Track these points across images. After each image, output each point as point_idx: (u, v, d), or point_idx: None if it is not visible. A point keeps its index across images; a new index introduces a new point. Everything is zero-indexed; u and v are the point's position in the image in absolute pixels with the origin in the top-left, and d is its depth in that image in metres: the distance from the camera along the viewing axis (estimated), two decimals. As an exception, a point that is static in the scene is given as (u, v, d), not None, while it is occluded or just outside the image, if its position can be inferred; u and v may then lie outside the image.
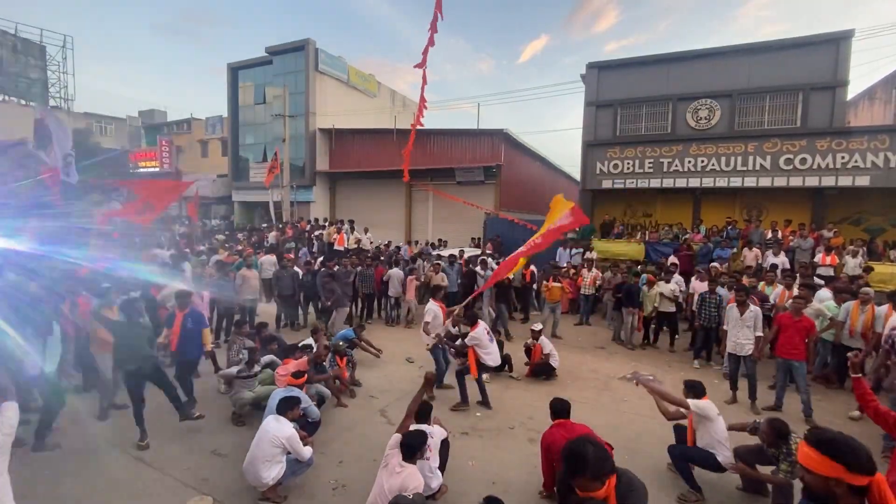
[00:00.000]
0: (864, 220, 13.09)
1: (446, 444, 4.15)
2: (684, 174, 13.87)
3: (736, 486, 4.19)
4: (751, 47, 14.15)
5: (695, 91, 14.61)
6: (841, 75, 12.86)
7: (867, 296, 6.25)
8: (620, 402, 6.11)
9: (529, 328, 7.33)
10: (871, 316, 6.06)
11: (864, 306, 6.16)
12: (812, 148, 12.41)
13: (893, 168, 11.75)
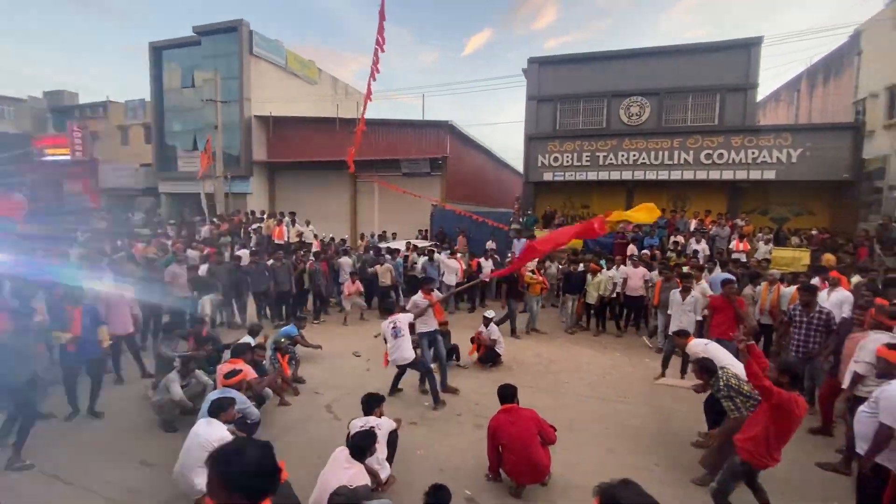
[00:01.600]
0: (770, 210, 14.59)
1: (394, 436, 4.13)
2: (618, 167, 14.67)
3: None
4: (675, 49, 15.21)
5: (627, 89, 15.46)
6: (752, 78, 14.18)
7: (773, 277, 6.97)
8: (561, 385, 6.40)
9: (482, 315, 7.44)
10: (776, 295, 6.77)
11: (772, 287, 6.87)
12: (728, 144, 13.59)
13: (794, 163, 13.16)
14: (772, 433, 3.16)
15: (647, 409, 5.57)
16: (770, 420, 3.17)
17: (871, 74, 14.67)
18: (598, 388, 6.24)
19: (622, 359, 7.60)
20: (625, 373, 6.91)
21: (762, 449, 3.19)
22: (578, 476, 4.13)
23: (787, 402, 3.10)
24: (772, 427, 3.16)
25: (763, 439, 3.18)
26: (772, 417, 3.17)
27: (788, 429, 3.18)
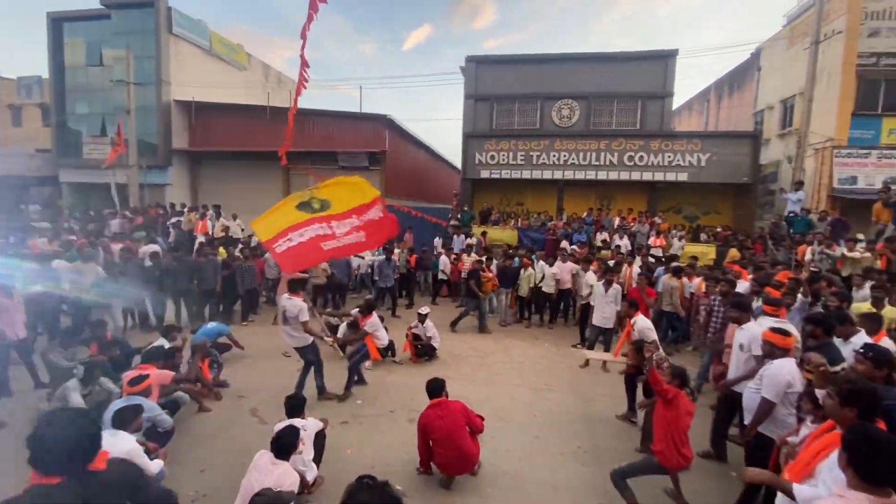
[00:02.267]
0: (683, 209, 15.98)
1: (322, 436, 4.02)
2: (550, 167, 15.31)
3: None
4: (602, 56, 16.12)
5: (559, 91, 16.15)
6: (668, 87, 15.40)
7: (679, 269, 7.65)
8: (495, 376, 6.58)
9: (416, 311, 7.44)
10: (682, 285, 7.44)
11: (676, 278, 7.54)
12: (647, 148, 14.66)
13: (703, 167, 14.49)
14: (673, 429, 3.44)
15: (571, 396, 5.89)
16: (668, 418, 3.47)
17: (768, 88, 16.52)
18: (528, 378, 6.50)
19: (551, 349, 7.97)
20: (553, 362, 7.25)
21: (672, 449, 3.43)
22: (507, 463, 4.28)
23: (679, 397, 3.50)
24: (672, 424, 3.45)
25: (668, 437, 3.43)
26: (668, 415, 3.47)
27: (685, 422, 3.49)
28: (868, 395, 2.22)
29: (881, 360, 2.75)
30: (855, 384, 2.30)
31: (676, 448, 3.42)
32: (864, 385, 2.32)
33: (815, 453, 2.29)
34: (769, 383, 3.47)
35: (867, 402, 2.20)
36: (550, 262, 9.65)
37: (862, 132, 12.92)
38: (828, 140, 12.87)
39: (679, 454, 3.44)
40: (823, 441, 2.33)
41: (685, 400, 3.57)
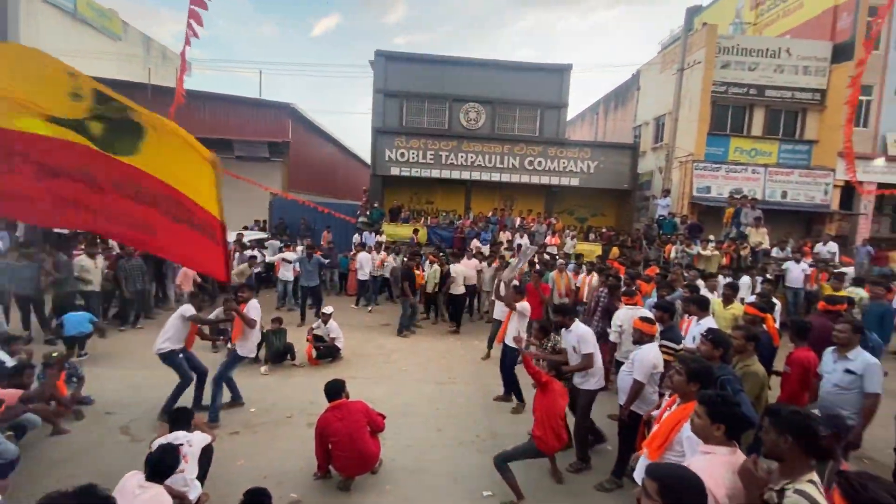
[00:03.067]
0: (575, 211, 17.50)
1: (209, 450, 3.69)
2: (458, 167, 15.74)
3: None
4: (507, 64, 17.00)
5: (466, 94, 16.68)
6: (564, 98, 16.74)
7: (562, 265, 8.41)
8: (400, 372, 6.61)
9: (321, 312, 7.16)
10: (567, 280, 8.18)
11: (562, 274, 8.28)
12: (545, 153, 15.78)
13: (592, 173, 15.99)
14: (550, 414, 3.73)
15: (473, 388, 6.14)
16: (544, 403, 3.77)
17: (645, 106, 18.75)
18: (433, 373, 6.64)
19: (456, 343, 8.23)
20: (457, 356, 7.49)
21: (549, 433, 3.71)
22: (408, 458, 4.32)
23: (551, 382, 3.85)
24: (548, 409, 3.74)
25: (545, 421, 3.71)
26: (545, 401, 3.77)
27: (559, 406, 3.83)
28: (707, 372, 2.66)
29: (718, 341, 3.29)
30: (698, 363, 2.72)
31: (554, 432, 3.70)
32: (704, 364, 2.76)
33: (671, 428, 2.63)
34: (639, 366, 3.92)
35: (706, 378, 2.63)
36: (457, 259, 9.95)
37: (714, 149, 15.28)
38: (689, 155, 15.01)
39: (556, 437, 3.73)
40: (675, 416, 2.70)
41: (558, 385, 3.90)
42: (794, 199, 14.96)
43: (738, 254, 10.77)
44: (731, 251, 10.70)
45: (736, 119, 15.57)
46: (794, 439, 1.81)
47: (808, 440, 1.81)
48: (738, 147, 15.42)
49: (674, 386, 2.77)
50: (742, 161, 15.21)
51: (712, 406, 2.10)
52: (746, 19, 18.87)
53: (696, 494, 1.64)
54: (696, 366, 2.71)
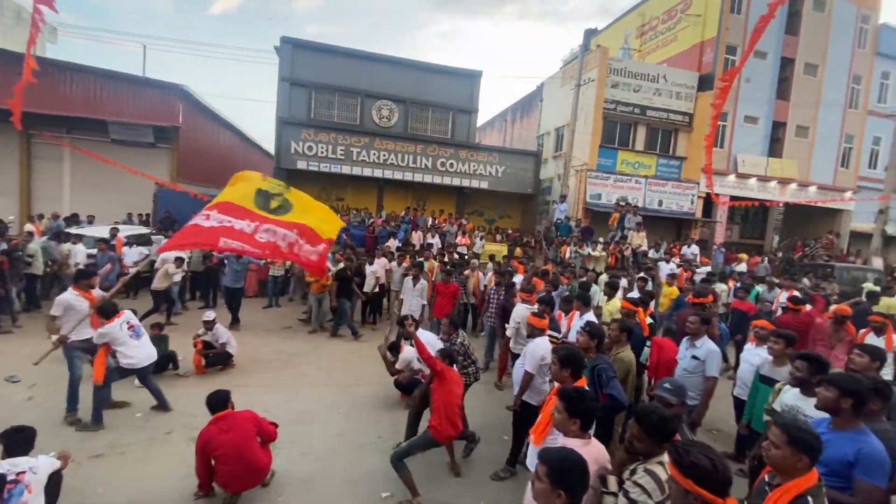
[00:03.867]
0: (485, 212, 18.20)
1: (57, 478, 3.16)
2: (370, 164, 15.48)
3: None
4: (422, 65, 17.11)
5: (379, 91, 16.48)
6: (474, 104, 17.30)
7: (473, 265, 8.70)
8: (300, 377, 6.29)
9: (202, 319, 6.52)
10: (477, 280, 8.48)
11: (473, 273, 8.57)
12: (457, 156, 16.18)
13: (500, 177, 16.75)
14: (445, 402, 3.78)
15: (378, 389, 6.05)
16: (440, 393, 3.81)
17: (547, 117, 20.09)
18: (337, 376, 6.42)
19: (364, 344, 8.05)
20: (365, 357, 7.33)
21: (445, 422, 3.71)
22: (304, 467, 4.13)
23: (446, 371, 3.89)
24: (444, 398, 3.79)
25: (442, 410, 3.75)
26: (441, 390, 3.82)
27: (455, 394, 3.89)
28: (576, 358, 2.92)
29: (593, 333, 3.62)
30: (567, 351, 2.96)
31: (450, 421, 3.75)
32: (572, 350, 3.01)
33: (550, 415, 2.84)
34: (530, 358, 4.17)
35: (576, 364, 2.88)
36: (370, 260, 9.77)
37: (605, 160, 16.91)
38: (584, 164, 16.42)
39: (451, 426, 3.77)
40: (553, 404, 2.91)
41: (453, 373, 3.97)
42: (668, 207, 17.12)
43: (621, 254, 12.04)
44: (616, 252, 11.92)
45: (623, 134, 17.38)
46: (649, 435, 2.06)
47: (657, 430, 2.05)
48: (625, 160, 17.23)
49: (552, 374, 2.99)
50: (627, 172, 17.02)
51: (570, 402, 2.27)
52: (633, 46, 21.15)
53: (578, 473, 1.78)
54: (565, 353, 2.95)
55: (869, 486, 2.26)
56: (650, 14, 20.49)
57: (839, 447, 2.38)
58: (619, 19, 22.75)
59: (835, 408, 2.48)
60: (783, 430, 1.99)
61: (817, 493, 1.91)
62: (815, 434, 2.00)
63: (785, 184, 18.29)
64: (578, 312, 5.38)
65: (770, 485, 2.05)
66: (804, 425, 2.08)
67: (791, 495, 1.92)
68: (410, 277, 7.62)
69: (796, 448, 1.93)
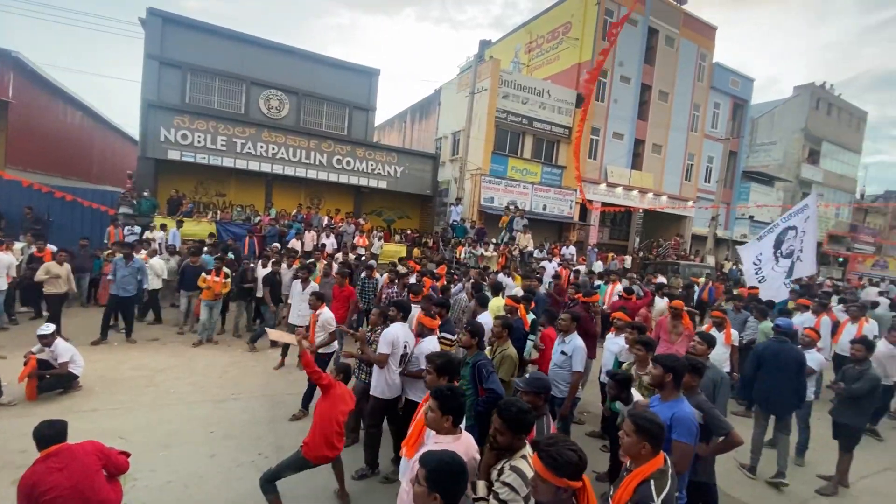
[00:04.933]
0: (384, 212, 18.05)
1: None
2: (257, 158, 14.35)
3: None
4: (317, 57, 16.33)
5: (267, 80, 15.37)
6: (372, 102, 17.04)
7: (370, 266, 8.60)
8: (165, 396, 5.58)
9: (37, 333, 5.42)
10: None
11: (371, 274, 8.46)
12: (354, 154, 15.78)
13: (399, 178, 16.73)
14: (325, 417, 3.50)
15: (260, 401, 5.64)
16: (322, 407, 3.54)
17: (444, 121, 20.60)
18: (211, 391, 5.83)
19: (245, 354, 7.44)
20: (245, 368, 6.78)
21: (320, 440, 3.44)
22: (167, 496, 3.68)
23: (334, 386, 3.67)
24: (326, 413, 3.51)
25: (318, 426, 3.48)
26: (324, 405, 3.55)
27: (339, 411, 3.59)
28: (454, 368, 2.98)
29: (474, 332, 3.78)
30: (441, 358, 2.99)
31: (326, 439, 3.47)
32: (447, 357, 3.05)
33: (422, 424, 2.70)
34: (419, 357, 4.20)
35: (453, 373, 2.96)
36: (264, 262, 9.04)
37: (497, 166, 17.88)
38: (478, 169, 17.18)
39: (327, 446, 3.47)
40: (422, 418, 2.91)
41: (342, 389, 3.74)
42: (551, 211, 18.72)
43: (510, 255, 12.85)
44: (505, 252, 12.69)
45: (513, 142, 18.57)
46: (510, 428, 2.20)
47: (516, 422, 2.20)
48: (515, 166, 18.41)
49: (427, 384, 2.99)
50: (517, 178, 18.21)
51: (443, 400, 2.34)
52: (522, 60, 22.73)
53: (456, 476, 1.79)
54: (441, 361, 2.96)
55: (680, 444, 2.74)
56: (537, 32, 22.19)
57: (662, 414, 2.77)
58: (511, 34, 24.26)
59: (661, 382, 2.95)
60: (632, 420, 2.24)
61: (660, 476, 2.13)
62: (659, 423, 2.25)
63: (644, 193, 21.20)
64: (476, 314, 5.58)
65: (628, 471, 2.27)
66: (649, 415, 2.32)
67: (637, 480, 2.14)
68: (300, 280, 7.22)
69: (641, 435, 2.18)
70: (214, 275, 7.72)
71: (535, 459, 1.89)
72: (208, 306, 7.74)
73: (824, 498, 4.55)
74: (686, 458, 2.74)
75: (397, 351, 4.14)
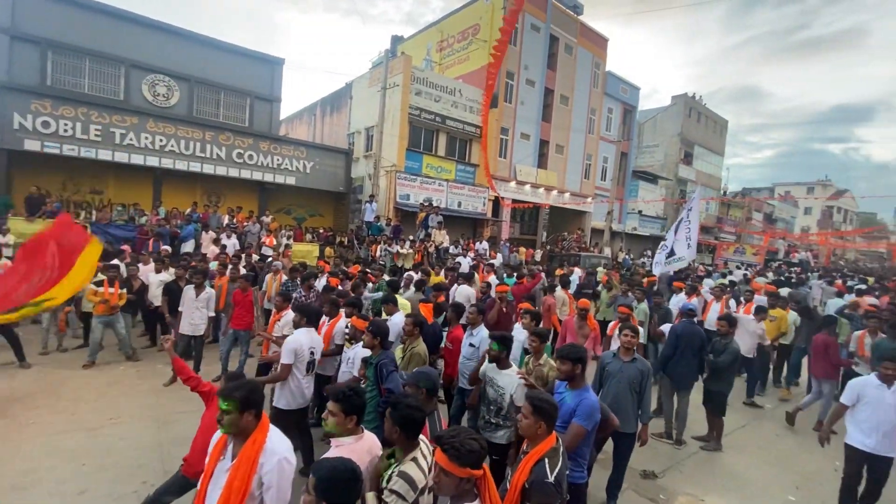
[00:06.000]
0: (293, 210, 17.14)
1: None
2: (141, 150, 12.76)
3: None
4: (210, 41, 14.94)
5: (152, 63, 13.75)
6: (276, 92, 16.06)
7: (276, 268, 8.11)
8: (21, 429, 4.71)
9: None
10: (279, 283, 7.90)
11: (276, 276, 7.97)
12: (257, 147, 14.74)
13: (309, 174, 15.98)
14: (205, 429, 3.08)
15: (145, 424, 5.02)
16: (205, 417, 3.17)
17: (357, 116, 20.09)
18: (84, 418, 5.06)
19: (129, 371, 6.60)
20: (128, 388, 6.01)
21: (197, 455, 3.02)
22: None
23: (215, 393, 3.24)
24: (206, 423, 3.11)
25: (199, 439, 3.08)
26: (206, 414, 3.18)
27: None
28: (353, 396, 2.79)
29: (377, 332, 3.71)
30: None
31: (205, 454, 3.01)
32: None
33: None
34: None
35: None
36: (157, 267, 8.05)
37: (412, 163, 17.88)
38: (393, 165, 17.03)
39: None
40: None
41: None
42: (466, 208, 19.20)
43: (426, 251, 12.94)
44: (421, 249, 12.75)
45: (427, 140, 18.69)
46: (400, 428, 2.18)
47: (407, 426, 2.19)
48: (430, 164, 18.56)
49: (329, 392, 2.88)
50: (432, 175, 18.38)
51: (346, 401, 2.27)
52: (434, 59, 22.94)
53: (346, 484, 1.74)
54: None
55: (577, 425, 2.96)
56: (448, 32, 22.53)
57: (571, 401, 3.08)
58: (422, 31, 24.36)
59: (571, 374, 3.15)
60: (530, 402, 2.34)
61: (553, 455, 2.27)
62: (554, 403, 2.39)
63: (549, 190, 22.63)
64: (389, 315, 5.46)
65: (525, 452, 2.37)
66: (545, 395, 2.47)
67: (533, 460, 2.25)
68: (192, 286, 6.56)
69: (538, 415, 2.29)
70: (108, 286, 6.75)
71: (438, 453, 1.90)
72: (104, 323, 6.74)
73: (695, 455, 5.23)
74: (578, 439, 2.96)
75: (303, 359, 3.94)
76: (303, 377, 3.96)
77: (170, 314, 7.00)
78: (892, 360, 3.91)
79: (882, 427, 3.86)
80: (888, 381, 3.91)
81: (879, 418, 3.86)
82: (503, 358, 3.59)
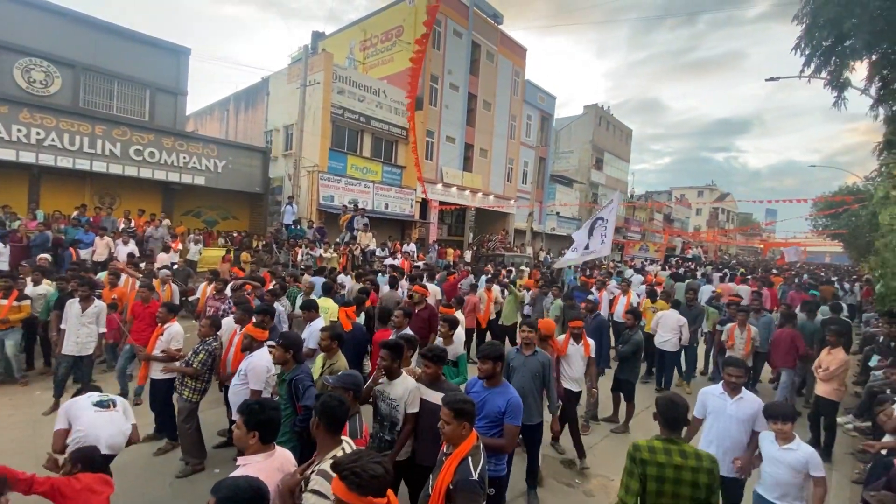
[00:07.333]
0: (203, 213, 15.84)
1: None
2: (13, 144, 11.03)
3: None
4: (101, 24, 13.33)
5: (27, 45, 11.97)
6: (182, 85, 14.74)
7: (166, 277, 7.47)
8: None
9: None
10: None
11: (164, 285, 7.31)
12: (159, 144, 13.41)
13: (221, 173, 14.88)
14: None
15: (18, 460, 4.32)
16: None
17: (275, 113, 19.08)
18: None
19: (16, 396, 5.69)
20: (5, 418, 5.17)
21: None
22: None
23: (68, 482, 2.81)
24: None
25: None
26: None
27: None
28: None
29: (288, 345, 3.53)
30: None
31: None
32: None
33: None
34: (253, 375, 3.73)
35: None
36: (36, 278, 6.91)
37: (336, 163, 17.38)
38: (315, 166, 16.43)
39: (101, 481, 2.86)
40: None
41: (87, 480, 2.88)
42: (393, 209, 19.07)
43: (352, 254, 12.65)
44: (346, 252, 12.44)
45: (351, 140, 18.29)
46: (321, 420, 2.12)
47: (329, 418, 2.14)
48: (354, 164, 18.17)
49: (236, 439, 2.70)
50: (357, 176, 18.01)
51: (248, 414, 2.15)
52: (357, 58, 22.52)
53: (248, 500, 1.66)
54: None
55: (511, 426, 3.02)
56: (371, 31, 22.24)
57: (494, 402, 3.07)
58: (345, 29, 23.80)
59: (491, 373, 3.15)
60: (449, 407, 2.30)
61: (475, 453, 2.29)
62: (471, 400, 2.39)
63: (475, 192, 23.25)
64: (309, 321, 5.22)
65: (446, 454, 2.35)
66: (461, 396, 2.45)
67: (457, 460, 2.24)
68: (77, 300, 5.78)
69: (461, 418, 2.27)
70: (1, 297, 5.89)
71: (335, 483, 1.67)
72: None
73: (606, 438, 5.68)
74: (514, 438, 3.06)
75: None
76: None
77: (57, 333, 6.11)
78: (737, 367, 3.48)
79: (721, 442, 3.38)
80: (731, 391, 3.46)
81: (719, 431, 3.42)
82: (395, 368, 3.21)
